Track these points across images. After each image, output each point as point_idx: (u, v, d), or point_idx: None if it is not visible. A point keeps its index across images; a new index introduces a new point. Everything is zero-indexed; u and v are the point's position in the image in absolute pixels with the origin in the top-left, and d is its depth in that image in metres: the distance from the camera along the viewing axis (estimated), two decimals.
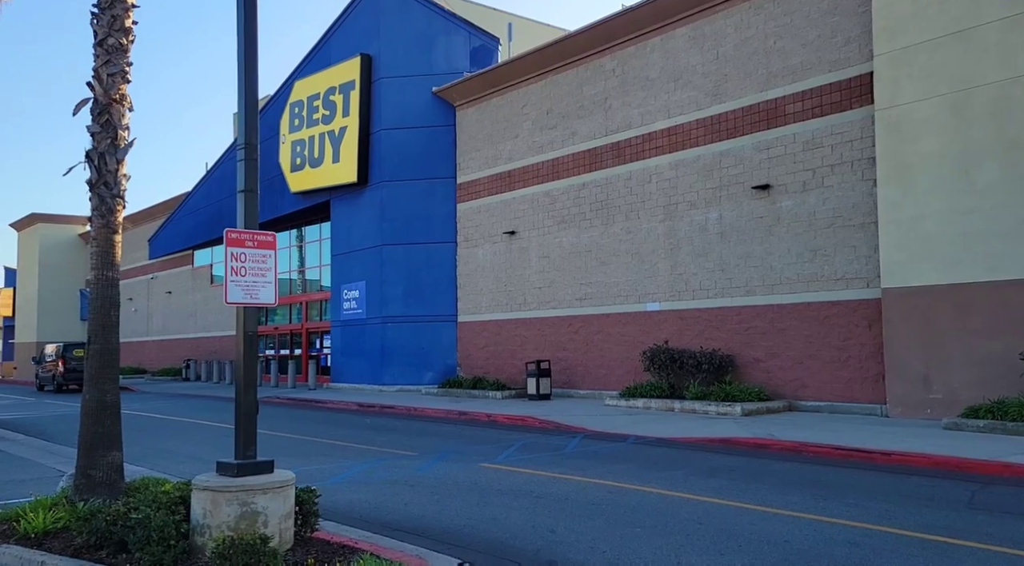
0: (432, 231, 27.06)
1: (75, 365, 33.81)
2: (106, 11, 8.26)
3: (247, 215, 6.75)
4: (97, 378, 7.93)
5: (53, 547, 6.43)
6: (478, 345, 25.74)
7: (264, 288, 6.73)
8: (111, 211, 8.16)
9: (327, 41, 30.30)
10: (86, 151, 8.22)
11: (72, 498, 7.51)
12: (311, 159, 30.08)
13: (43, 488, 9.70)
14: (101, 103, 8.19)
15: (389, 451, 13.15)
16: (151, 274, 46.16)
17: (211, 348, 39.90)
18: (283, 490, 6.22)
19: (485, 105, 25.77)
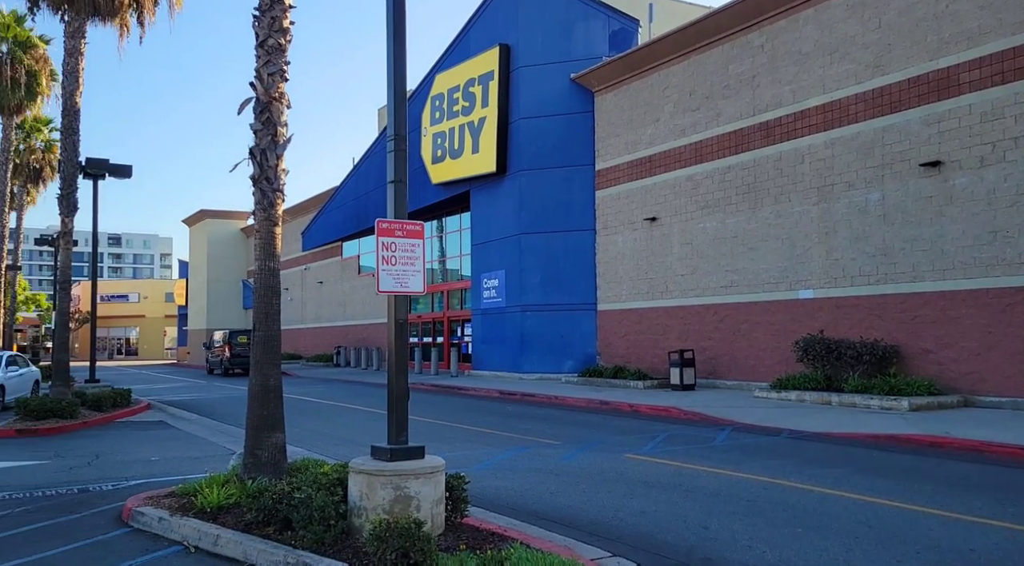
0: (570, 219, 26.93)
1: (240, 350, 36.35)
2: (266, 13, 8.65)
3: (396, 205, 6.85)
4: (261, 363, 8.37)
5: (226, 522, 6.83)
6: (618, 334, 25.40)
7: (413, 277, 6.81)
8: (272, 204, 8.56)
9: (466, 34, 30.76)
10: (249, 148, 8.66)
11: (241, 476, 7.97)
12: (451, 151, 30.70)
13: (215, 465, 10.41)
14: (262, 101, 8.60)
15: (532, 439, 13.17)
16: (304, 265, 48.89)
17: (359, 335, 41.74)
18: (434, 476, 6.29)
19: (624, 89, 25.29)
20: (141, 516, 7.38)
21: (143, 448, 13.00)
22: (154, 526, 7.17)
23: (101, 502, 8.54)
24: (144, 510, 7.41)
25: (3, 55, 30.15)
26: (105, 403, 17.66)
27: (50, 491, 9.19)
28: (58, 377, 17.85)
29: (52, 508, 8.29)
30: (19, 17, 30.24)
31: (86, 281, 53.05)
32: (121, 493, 8.89)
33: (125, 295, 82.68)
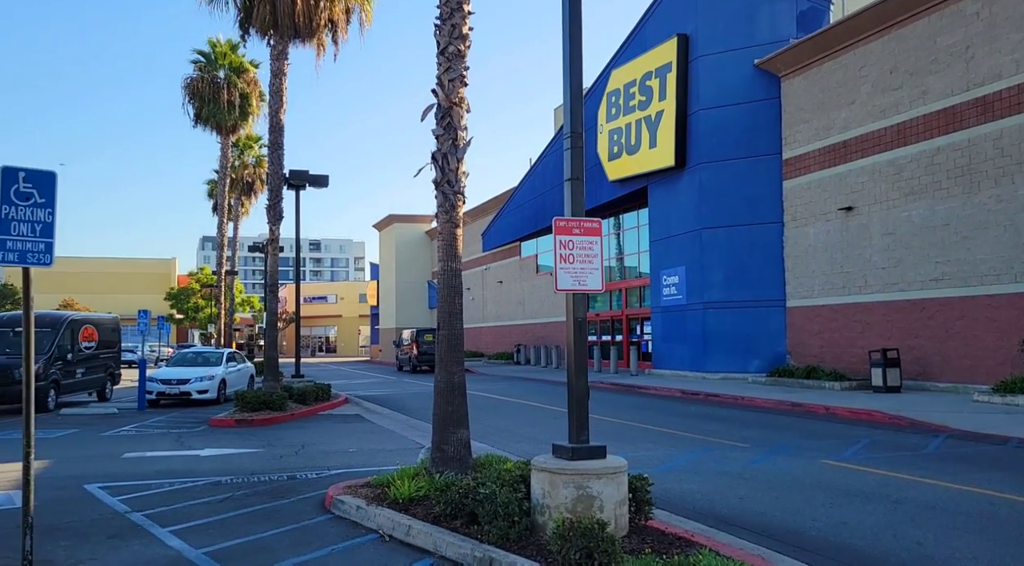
0: (755, 211, 25.70)
1: (426, 348, 38.07)
2: (447, 21, 8.91)
3: (574, 203, 6.79)
4: (445, 361, 8.63)
5: (417, 513, 7.09)
6: (810, 331, 23.90)
7: (592, 275, 6.71)
8: (453, 207, 8.80)
9: (642, 27, 30.26)
10: (431, 153, 8.96)
11: (430, 469, 8.26)
12: (627, 146, 30.32)
13: (405, 458, 10.88)
14: (443, 107, 8.86)
15: (717, 441, 12.66)
16: (485, 265, 50.37)
17: (538, 334, 42.34)
18: (616, 476, 6.16)
19: (815, 72, 23.75)
20: (341, 504, 7.84)
21: (342, 440, 13.89)
22: (352, 514, 7.59)
23: (306, 489, 9.18)
24: (344, 499, 7.87)
25: (221, 80, 33.60)
26: (309, 397, 19.09)
27: (264, 477, 10.01)
28: (269, 372, 19.52)
29: (265, 493, 9.03)
30: (233, 45, 33.56)
31: (291, 284, 57.89)
32: (323, 481, 9.52)
33: (324, 297, 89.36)
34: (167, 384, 20.27)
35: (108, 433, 14.88)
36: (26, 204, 5.59)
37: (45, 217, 5.67)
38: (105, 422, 16.77)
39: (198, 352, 24.35)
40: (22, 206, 5.58)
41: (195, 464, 11.12)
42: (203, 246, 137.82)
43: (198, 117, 33.42)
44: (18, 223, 5.57)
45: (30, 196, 5.61)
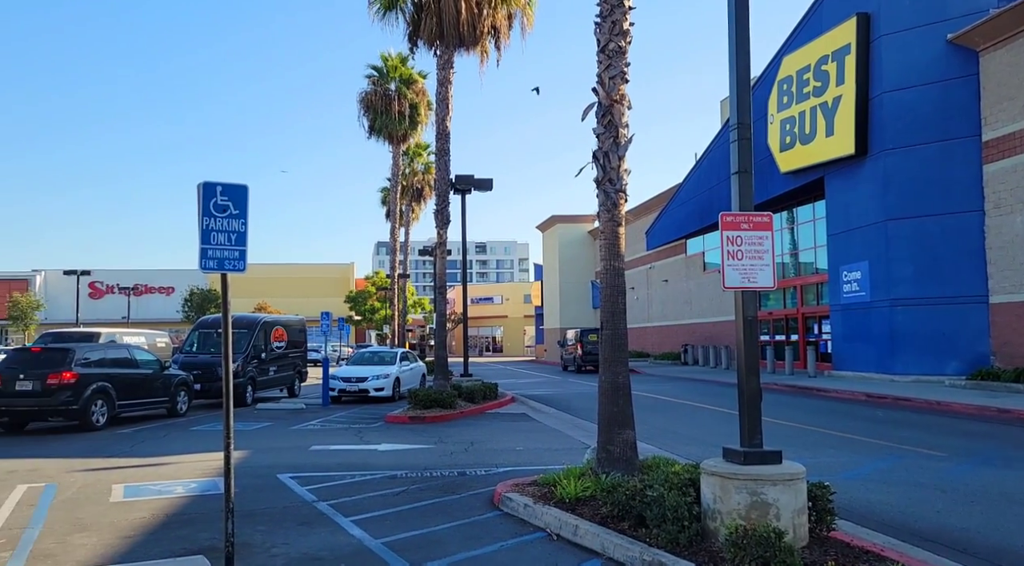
0: (948, 200, 23.51)
1: (590, 348, 38.05)
2: (607, 18, 8.82)
3: (742, 197, 6.50)
4: (610, 361, 8.54)
5: (583, 513, 7.06)
6: (1019, 330, 21.51)
7: (762, 271, 6.40)
8: (615, 205, 8.70)
9: (817, 9, 28.57)
10: (592, 152, 8.90)
11: (595, 470, 8.21)
12: (801, 136, 28.73)
13: (571, 458, 10.89)
14: (603, 105, 8.78)
15: (909, 448, 11.67)
16: (649, 264, 49.56)
17: (706, 333, 41.09)
18: (793, 483, 5.82)
19: (1020, 44, 21.37)
20: (509, 501, 7.96)
21: (509, 438, 14.14)
22: (520, 512, 7.69)
23: (476, 485, 9.42)
24: (511, 496, 7.99)
25: (392, 93, 35.37)
26: (477, 395, 19.63)
27: (436, 472, 10.38)
28: (439, 371, 20.27)
29: (437, 488, 9.35)
30: (403, 58, 35.24)
31: (458, 286, 59.90)
32: (492, 478, 9.73)
33: (490, 298, 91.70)
34: (347, 382, 21.58)
35: (297, 427, 16.04)
36: (223, 215, 6.11)
37: (239, 227, 6.17)
38: (294, 417, 18.10)
39: (374, 352, 25.75)
40: (219, 217, 6.10)
41: (373, 458, 11.72)
42: (378, 251, 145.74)
43: (372, 128, 35.36)
44: (216, 233, 6.09)
45: (226, 208, 6.12)
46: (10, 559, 6.46)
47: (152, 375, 17.32)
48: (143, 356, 17.78)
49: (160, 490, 9.33)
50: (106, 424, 15.58)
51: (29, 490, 9.37)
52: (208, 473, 10.50)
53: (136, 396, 16.63)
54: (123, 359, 16.87)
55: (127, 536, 7.24)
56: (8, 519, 7.91)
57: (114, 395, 15.81)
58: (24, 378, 14.91)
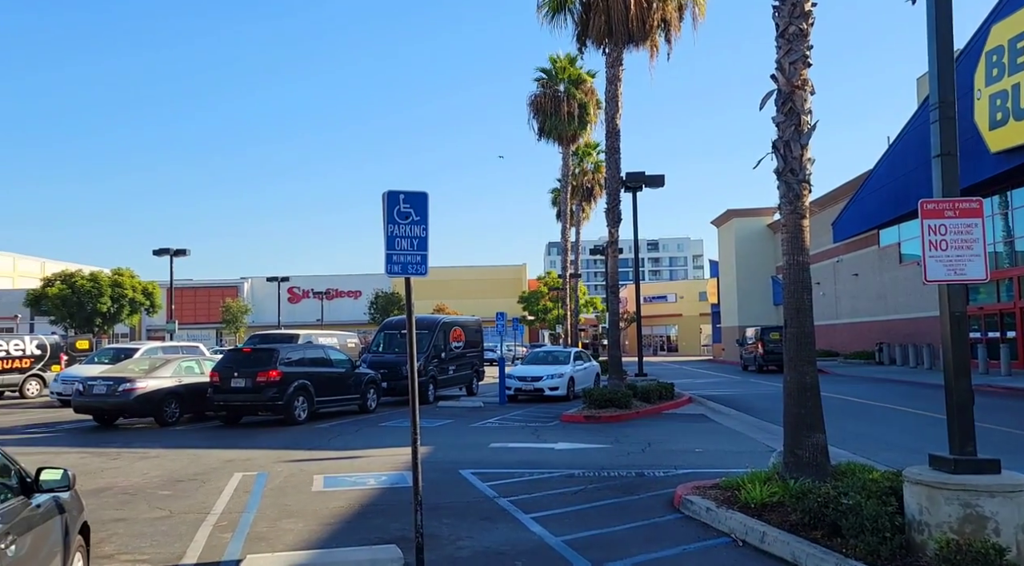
0: None
1: (772, 347, 36.33)
2: (786, 1, 8.39)
3: (945, 182, 5.96)
4: (795, 361, 8.10)
5: (771, 519, 6.74)
6: None
7: (971, 262, 5.85)
8: (797, 197, 8.25)
9: None
10: (772, 141, 8.49)
11: (782, 474, 7.81)
12: (1016, 111, 25.77)
13: (754, 461, 10.45)
14: (784, 92, 8.36)
15: None
16: (836, 257, 46.53)
17: (904, 330, 37.96)
18: (1016, 495, 5.25)
19: None
20: (690, 504, 7.77)
21: (688, 439, 13.81)
22: (702, 515, 7.48)
23: (654, 487, 9.27)
24: (693, 499, 7.79)
25: (561, 94, 35.68)
26: (653, 395, 19.33)
27: (613, 472, 10.33)
28: (613, 370, 20.16)
29: (615, 488, 9.31)
30: (571, 58, 35.45)
31: (630, 285, 59.28)
32: (671, 480, 9.53)
33: (664, 296, 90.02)
34: (523, 381, 22.00)
35: (476, 424, 16.56)
36: (405, 222, 6.43)
37: (420, 233, 6.47)
38: (473, 414, 18.71)
39: (548, 351, 26.07)
40: (402, 224, 6.43)
41: (550, 456, 11.86)
42: (549, 251, 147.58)
43: (541, 131, 35.85)
44: (400, 239, 6.42)
45: (408, 215, 6.44)
46: (231, 540, 7.15)
47: (345, 374, 18.57)
48: (337, 356, 19.10)
49: (355, 481, 9.97)
50: (306, 419, 16.88)
51: (244, 478, 10.34)
52: (397, 467, 11.08)
53: (332, 393, 17.89)
54: (320, 358, 18.22)
55: (328, 523, 7.80)
56: (228, 504, 8.77)
57: (313, 392, 17.10)
58: (238, 376, 16.50)
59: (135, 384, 16.65)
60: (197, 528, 7.60)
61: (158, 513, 8.35)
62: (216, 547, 6.92)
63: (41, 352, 25.89)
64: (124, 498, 9.12)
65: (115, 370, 18.24)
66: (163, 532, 7.50)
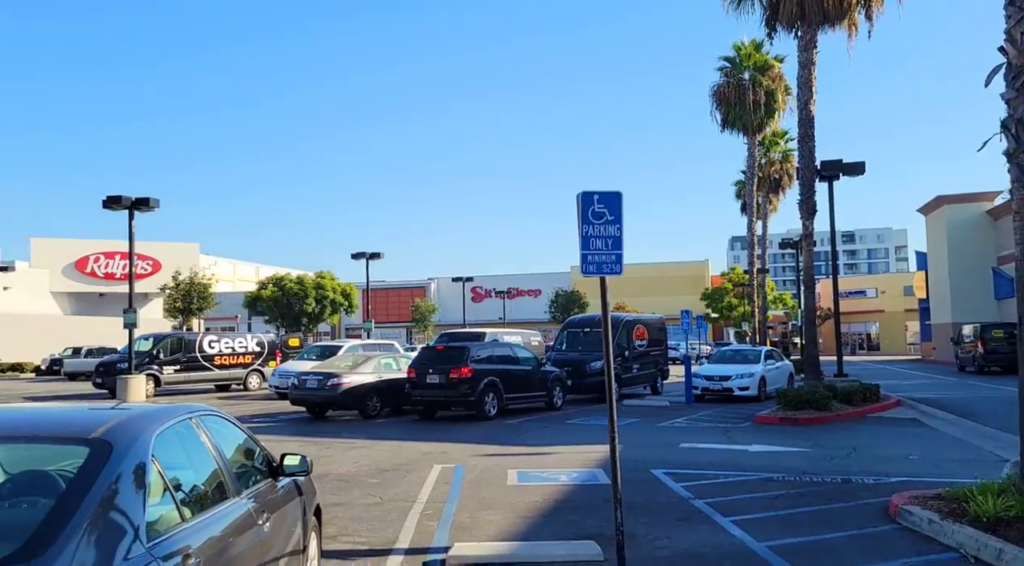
0: None
1: (995, 346, 32.81)
2: None
3: None
4: None
5: (1009, 536, 6.09)
6: None
7: None
8: None
9: None
10: (1001, 120, 7.67)
11: (1019, 487, 7.04)
12: None
13: (982, 470, 9.48)
14: (1015, 65, 7.51)
15: None
16: None
17: None
18: None
19: None
20: (908, 515, 7.20)
21: (898, 445, 12.81)
22: (923, 527, 6.91)
23: (864, 494, 8.69)
24: (911, 509, 7.21)
25: (746, 82, 34.32)
26: (855, 397, 18.09)
27: (816, 478, 9.79)
28: (809, 370, 19.09)
29: (819, 494, 8.82)
30: (757, 44, 34.01)
31: (826, 279, 55.72)
32: (882, 488, 8.89)
33: (862, 291, 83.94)
34: (710, 380, 21.39)
35: (663, 424, 16.33)
36: (599, 222, 6.47)
37: (614, 232, 6.48)
38: (659, 414, 18.45)
39: (737, 350, 25.19)
40: (596, 224, 6.47)
41: (744, 459, 11.45)
42: (732, 246, 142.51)
43: (725, 121, 34.66)
44: (594, 239, 6.47)
45: (602, 215, 6.47)
46: (437, 528, 7.55)
47: (532, 371, 18.98)
48: (523, 353, 19.57)
49: (547, 477, 10.16)
50: (496, 415, 17.44)
51: (443, 470, 10.86)
52: (587, 464, 11.16)
53: (519, 390, 18.36)
54: (507, 356, 18.75)
55: (524, 516, 8.01)
56: (431, 494, 9.25)
57: (502, 388, 17.63)
58: (432, 373, 17.37)
59: (342, 379, 17.99)
60: (405, 515, 8.09)
61: (370, 499, 8.98)
62: (424, 534, 7.33)
63: (260, 349, 28.66)
64: (340, 484, 9.88)
65: (324, 366, 19.83)
66: (376, 517, 8.05)
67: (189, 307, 56.54)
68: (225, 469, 3.92)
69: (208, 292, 57.21)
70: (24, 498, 3.11)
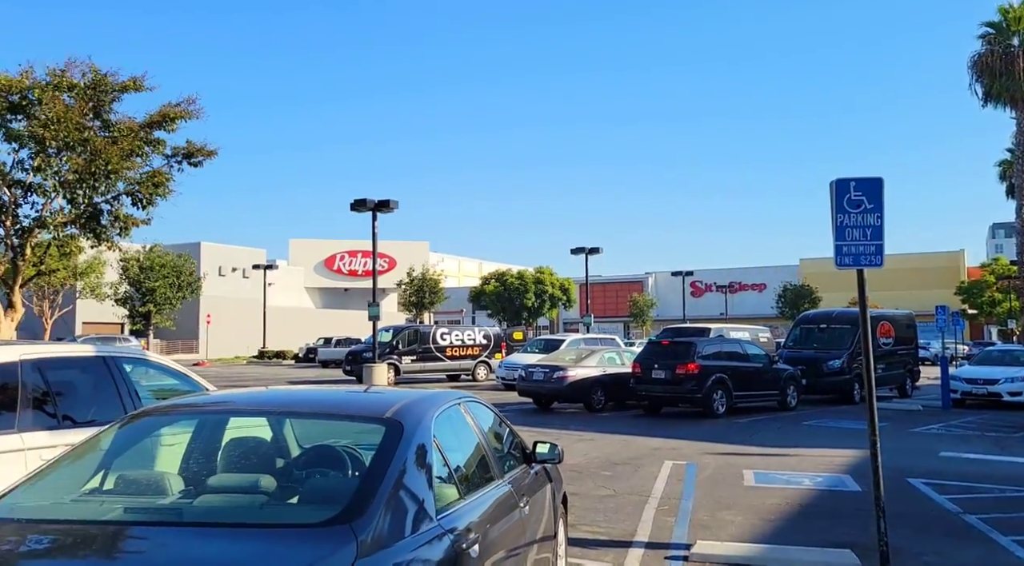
0: None
1: None
2: None
3: None
4: None
5: None
6: None
7: None
8: None
9: None
10: None
11: None
12: None
13: None
14: None
15: None
16: None
17: None
18: None
19: None
20: None
21: None
22: None
23: None
24: None
25: (1014, 49, 30.29)
26: None
27: None
28: None
29: None
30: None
31: None
32: None
33: None
34: (972, 384, 19.20)
35: (917, 429, 14.92)
36: (856, 211, 6.02)
37: (874, 221, 6.00)
38: (910, 418, 16.89)
39: (1005, 350, 22.45)
40: (853, 213, 6.03)
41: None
42: (993, 234, 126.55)
43: (988, 94, 30.82)
44: (850, 229, 6.04)
45: (860, 203, 6.02)
46: (675, 525, 7.46)
47: (762, 369, 18.16)
48: (753, 350, 18.77)
49: (787, 480, 9.67)
50: (724, 413, 16.88)
51: (674, 466, 10.71)
52: (831, 468, 10.50)
53: (749, 388, 17.64)
54: (736, 353, 18.09)
55: (767, 519, 7.68)
56: (664, 490, 9.16)
57: (730, 386, 17.05)
58: (657, 368, 17.19)
59: (567, 372, 18.35)
60: (641, 509, 8.07)
61: (604, 491, 9.07)
62: (663, 529, 7.26)
63: (487, 342, 30.04)
64: (573, 475, 10.08)
65: (549, 359, 20.33)
66: (611, 509, 8.12)
67: (421, 301, 60.65)
68: (489, 452, 4.14)
69: (438, 287, 60.99)
70: (317, 469, 3.49)
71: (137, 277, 44.85)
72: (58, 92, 15.24)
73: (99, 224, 16.56)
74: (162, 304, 45.64)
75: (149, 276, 44.96)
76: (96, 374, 4.96)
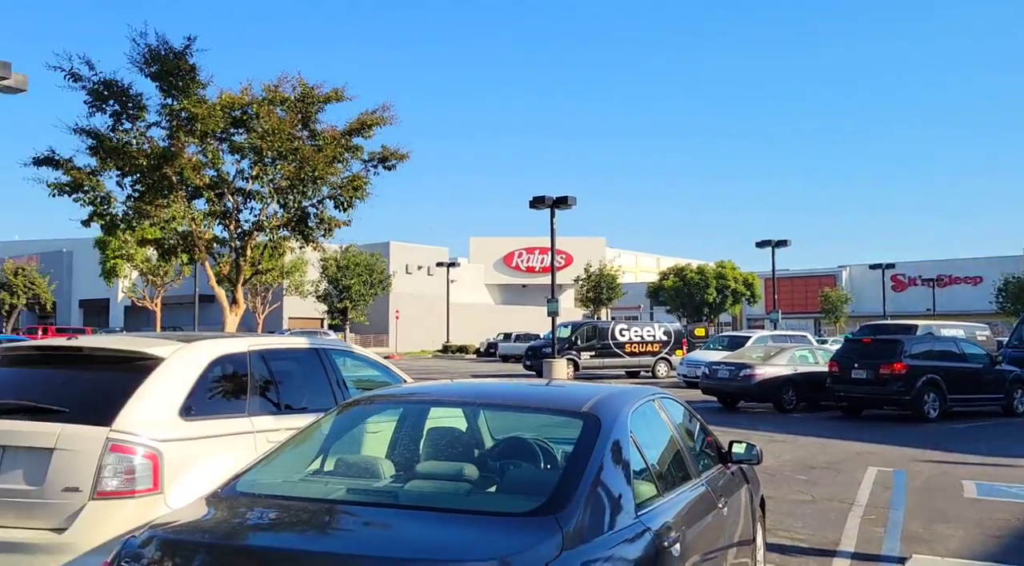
0: None
1: None
2: None
3: None
4: None
5: None
6: None
7: None
8: None
9: None
10: None
11: None
12: None
13: None
14: None
15: None
16: None
17: None
18: None
19: None
20: None
21: None
22: None
23: None
24: None
25: None
26: None
27: None
28: None
29: None
30: None
31: None
32: None
33: None
34: None
35: None
36: None
37: None
38: None
39: None
40: None
41: None
42: None
43: None
44: None
45: None
46: (884, 536, 6.89)
47: (982, 370, 16.39)
48: (970, 349, 17.01)
49: (1017, 494, 8.67)
50: (936, 417, 15.43)
51: (879, 473, 9.91)
52: None
53: (966, 391, 15.99)
54: (949, 352, 16.47)
55: (993, 535, 6.92)
56: (869, 497, 8.50)
57: (944, 388, 15.55)
58: (858, 368, 16.00)
59: (755, 370, 17.56)
60: (844, 517, 7.54)
61: (801, 496, 8.57)
62: (870, 541, 6.74)
63: (667, 338, 29.44)
64: (765, 477, 9.55)
65: (735, 356, 19.55)
66: (810, 515, 7.65)
67: (599, 297, 60.62)
68: (685, 450, 4.02)
69: (615, 283, 60.66)
70: (511, 460, 3.52)
71: (335, 275, 48.38)
72: (272, 106, 16.68)
73: (306, 226, 17.96)
74: (357, 300, 48.92)
75: (345, 274, 48.35)
76: (310, 364, 5.34)
